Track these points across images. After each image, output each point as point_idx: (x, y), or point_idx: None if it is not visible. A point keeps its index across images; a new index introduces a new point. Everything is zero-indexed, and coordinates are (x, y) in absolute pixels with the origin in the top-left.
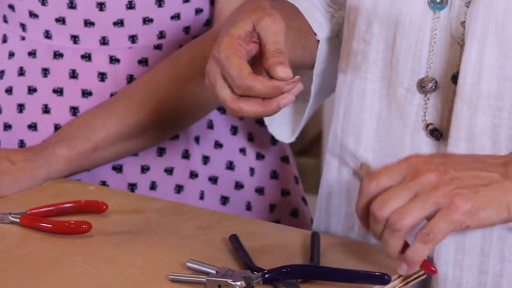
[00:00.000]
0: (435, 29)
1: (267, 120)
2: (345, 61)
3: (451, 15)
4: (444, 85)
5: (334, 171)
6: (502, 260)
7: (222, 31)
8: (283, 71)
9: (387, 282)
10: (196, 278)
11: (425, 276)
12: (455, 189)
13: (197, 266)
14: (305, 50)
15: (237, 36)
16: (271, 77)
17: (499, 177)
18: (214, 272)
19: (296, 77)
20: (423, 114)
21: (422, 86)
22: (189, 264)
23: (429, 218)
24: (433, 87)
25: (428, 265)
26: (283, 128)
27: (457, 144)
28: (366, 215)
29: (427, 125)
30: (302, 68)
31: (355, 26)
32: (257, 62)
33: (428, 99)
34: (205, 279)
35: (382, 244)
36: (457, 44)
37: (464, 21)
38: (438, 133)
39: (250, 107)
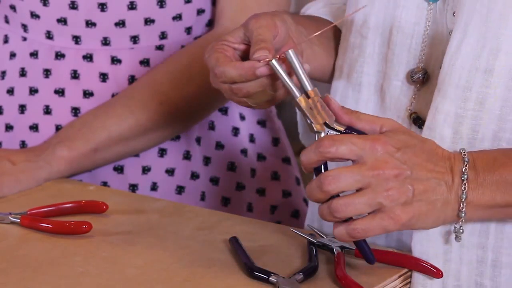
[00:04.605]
0: (429, 21)
1: None
2: (342, 58)
3: (445, 7)
4: (435, 76)
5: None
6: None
7: None
8: (257, 53)
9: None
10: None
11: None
12: (403, 195)
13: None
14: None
15: (223, 39)
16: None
17: (445, 189)
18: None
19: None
20: (409, 103)
21: (411, 76)
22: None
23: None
24: (421, 77)
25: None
26: None
27: (425, 133)
28: (311, 167)
29: (411, 114)
30: None
31: (352, 20)
32: None
33: (418, 90)
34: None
35: (319, 210)
36: (449, 35)
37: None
38: (421, 122)
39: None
